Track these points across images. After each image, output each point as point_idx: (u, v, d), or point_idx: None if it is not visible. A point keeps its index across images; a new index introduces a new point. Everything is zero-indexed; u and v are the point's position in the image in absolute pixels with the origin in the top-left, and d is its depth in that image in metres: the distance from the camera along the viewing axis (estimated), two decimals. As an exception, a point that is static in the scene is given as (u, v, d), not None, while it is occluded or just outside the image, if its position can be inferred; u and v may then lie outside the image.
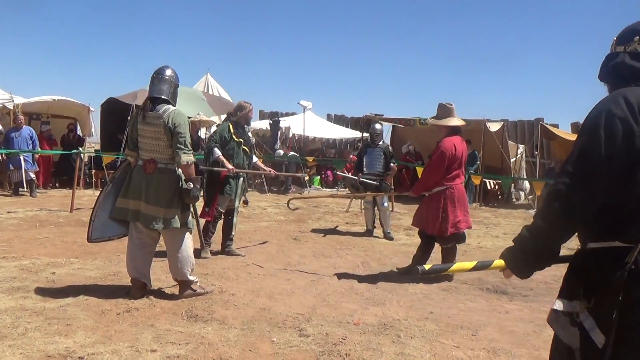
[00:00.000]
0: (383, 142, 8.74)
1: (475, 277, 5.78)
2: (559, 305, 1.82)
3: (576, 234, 1.85)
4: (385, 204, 8.42)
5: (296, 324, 4.04)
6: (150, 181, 4.38)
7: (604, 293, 1.70)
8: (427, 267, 2.08)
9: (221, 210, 6.28)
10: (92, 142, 16.47)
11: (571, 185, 1.71)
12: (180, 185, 4.45)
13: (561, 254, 1.89)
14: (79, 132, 14.20)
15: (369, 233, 8.46)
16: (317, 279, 5.51)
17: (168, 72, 4.51)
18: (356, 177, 8.35)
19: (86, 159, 13.48)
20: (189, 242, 4.59)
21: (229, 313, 4.23)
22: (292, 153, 15.63)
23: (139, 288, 4.52)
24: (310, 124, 17.66)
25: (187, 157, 4.33)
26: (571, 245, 2.04)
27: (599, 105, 1.77)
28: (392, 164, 8.47)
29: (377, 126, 8.75)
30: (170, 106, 4.42)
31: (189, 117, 10.40)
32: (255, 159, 6.72)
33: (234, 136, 6.23)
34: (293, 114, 20.09)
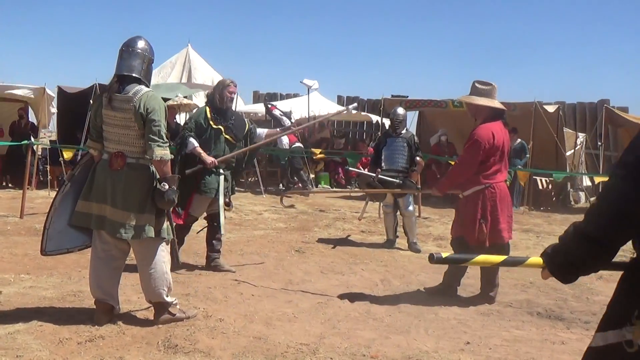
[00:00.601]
0: (407, 130, 8.73)
1: (523, 299, 5.77)
2: (597, 341, 1.88)
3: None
4: (411, 208, 8.40)
5: (299, 357, 4.05)
6: (118, 180, 4.38)
7: None
8: (443, 254, 2.12)
9: (194, 215, 6.27)
10: (47, 132, 16.53)
11: (628, 179, 1.72)
12: (154, 185, 4.44)
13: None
14: (32, 119, 14.25)
15: (389, 244, 8.46)
16: (325, 301, 5.52)
17: (140, 45, 4.51)
18: (373, 174, 8.32)
19: (40, 152, 13.54)
20: (165, 256, 4.61)
21: (215, 343, 4.24)
22: (297, 144, 15.62)
23: (105, 311, 4.54)
24: (317, 108, 17.67)
25: (162, 152, 4.33)
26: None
27: None
28: (418, 158, 8.45)
29: (400, 110, 8.72)
30: (142, 87, 4.43)
31: (166, 101, 10.43)
32: (262, 130, 6.64)
33: (211, 122, 6.17)
34: (295, 95, 20.13)
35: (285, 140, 15.01)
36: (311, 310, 5.21)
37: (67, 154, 11.72)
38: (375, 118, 17.97)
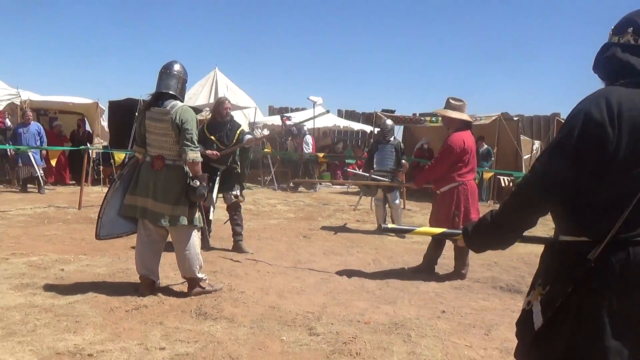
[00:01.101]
0: (394, 138, 8.73)
1: (488, 276, 5.77)
2: (523, 304, 1.94)
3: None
4: (397, 201, 8.41)
5: (306, 323, 4.06)
6: (158, 178, 4.39)
7: (559, 282, 1.77)
8: (390, 225, 2.20)
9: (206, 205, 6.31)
10: (100, 138, 16.59)
11: (534, 184, 1.78)
12: (187, 182, 4.44)
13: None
14: (88, 127, 14.34)
15: (380, 230, 8.44)
16: (327, 277, 5.52)
17: (176, 67, 4.51)
18: (367, 174, 8.33)
19: (94, 155, 13.60)
20: (197, 240, 4.62)
21: (238, 311, 4.25)
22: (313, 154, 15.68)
23: (148, 285, 4.56)
24: (321, 120, 17.65)
25: (194, 155, 4.33)
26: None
27: (581, 103, 1.76)
28: (403, 161, 8.45)
29: (388, 122, 8.75)
30: (177, 102, 4.42)
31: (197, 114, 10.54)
32: (248, 136, 6.58)
33: (206, 133, 6.23)
34: (303, 109, 20.10)
35: (310, 148, 15.14)
36: (316, 285, 5.22)
37: (119, 157, 11.79)
38: (369, 128, 17.97)
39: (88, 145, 11.47)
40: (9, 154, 11.62)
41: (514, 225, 1.87)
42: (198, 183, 4.38)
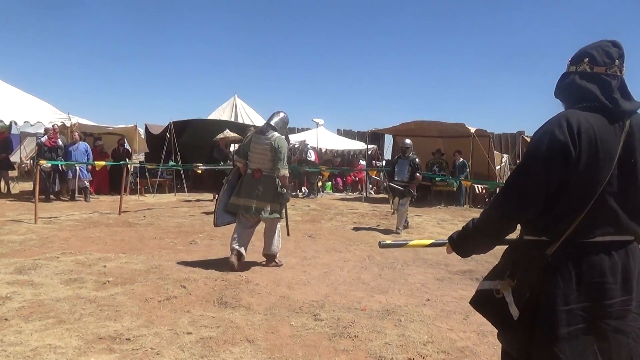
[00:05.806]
0: (412, 154, 8.69)
1: (466, 269, 5.72)
2: (482, 285, 1.90)
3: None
4: (405, 207, 8.49)
5: (311, 310, 4.03)
6: (258, 184, 5.21)
7: (525, 275, 1.74)
8: (388, 241, 2.16)
9: None
10: (137, 155, 16.63)
11: (508, 199, 1.74)
12: (277, 188, 5.23)
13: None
14: (127, 146, 14.40)
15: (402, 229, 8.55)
16: (329, 271, 5.48)
17: (282, 114, 5.52)
18: (386, 183, 8.55)
19: (132, 169, 13.62)
20: (279, 228, 5.47)
21: (253, 300, 4.23)
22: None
23: (238, 257, 5.21)
24: (323, 138, 17.67)
25: (284, 171, 5.22)
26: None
27: (545, 125, 1.72)
28: (417, 174, 8.51)
29: (407, 141, 8.91)
30: (277, 133, 5.30)
31: (219, 134, 11.06)
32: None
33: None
34: (308, 129, 20.13)
35: (312, 157, 15.19)
36: (319, 277, 5.18)
37: (151, 166, 12.02)
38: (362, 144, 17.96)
39: (127, 160, 11.50)
40: (60, 168, 11.65)
41: (499, 234, 1.81)
42: (285, 190, 5.26)
